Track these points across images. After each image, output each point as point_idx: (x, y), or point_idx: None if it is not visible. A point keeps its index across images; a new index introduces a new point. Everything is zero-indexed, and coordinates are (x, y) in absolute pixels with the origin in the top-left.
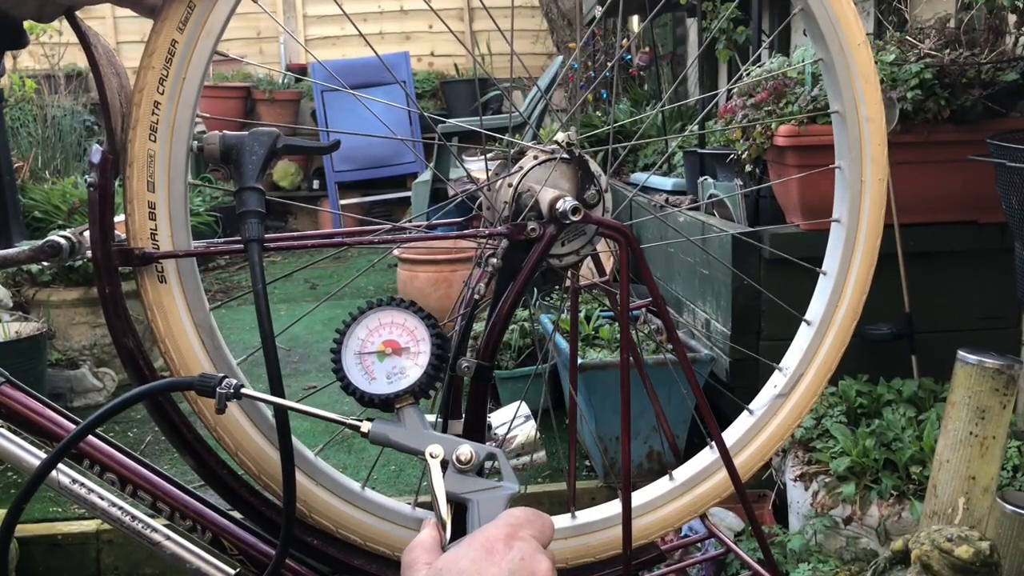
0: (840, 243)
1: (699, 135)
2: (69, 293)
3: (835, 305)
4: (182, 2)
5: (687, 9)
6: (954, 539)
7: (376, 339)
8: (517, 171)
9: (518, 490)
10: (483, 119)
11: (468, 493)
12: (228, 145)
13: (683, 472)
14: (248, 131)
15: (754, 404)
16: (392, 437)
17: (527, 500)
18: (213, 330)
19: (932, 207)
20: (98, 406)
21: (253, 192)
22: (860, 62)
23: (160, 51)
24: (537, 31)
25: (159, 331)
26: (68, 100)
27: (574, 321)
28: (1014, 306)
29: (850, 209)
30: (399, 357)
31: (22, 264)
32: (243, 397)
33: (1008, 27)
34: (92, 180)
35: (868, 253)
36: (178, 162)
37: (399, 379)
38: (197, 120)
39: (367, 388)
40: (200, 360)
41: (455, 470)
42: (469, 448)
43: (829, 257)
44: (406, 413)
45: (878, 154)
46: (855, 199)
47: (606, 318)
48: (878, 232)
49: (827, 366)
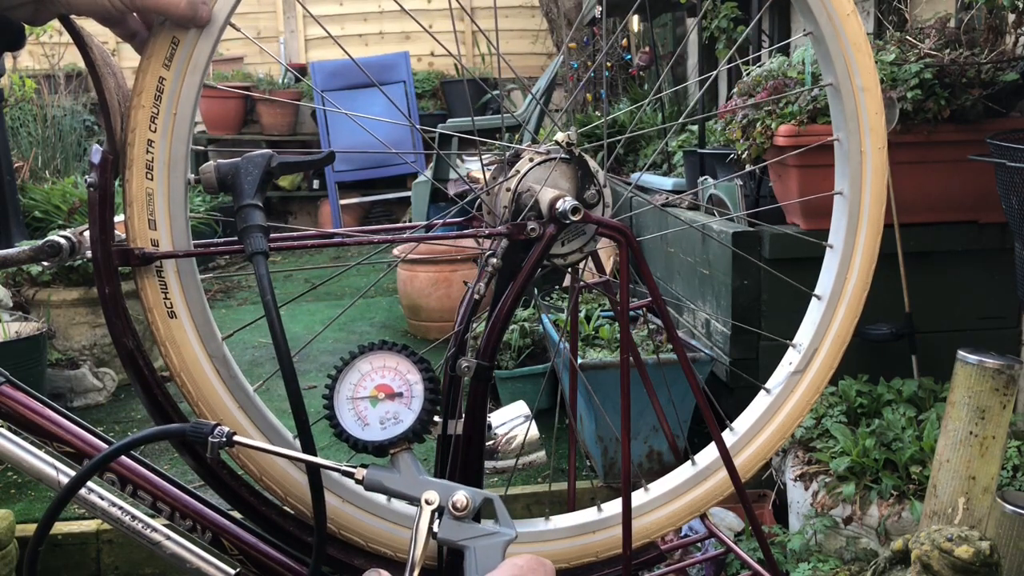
0: (844, 215)
1: (699, 135)
2: (69, 293)
3: (844, 277)
4: (166, 39)
5: (687, 9)
6: (954, 539)
7: (368, 384)
8: (515, 172)
9: (515, 535)
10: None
11: (465, 540)
12: (223, 173)
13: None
14: (242, 157)
15: (770, 383)
16: (387, 484)
17: (528, 500)
18: (227, 361)
19: (932, 207)
20: (98, 406)
21: (253, 208)
22: (851, 32)
23: (149, 89)
24: (537, 31)
25: (174, 366)
26: (68, 100)
27: (574, 321)
28: (1014, 306)
29: (852, 180)
30: (392, 402)
31: (22, 264)
32: (236, 445)
33: (1008, 27)
34: (92, 180)
35: (873, 222)
36: (177, 198)
37: (393, 425)
38: (197, 121)
39: (360, 435)
40: (217, 390)
41: (451, 517)
42: (464, 494)
43: (835, 230)
44: (400, 459)
45: (876, 123)
46: (856, 170)
47: (606, 318)
48: (882, 200)
49: (841, 339)
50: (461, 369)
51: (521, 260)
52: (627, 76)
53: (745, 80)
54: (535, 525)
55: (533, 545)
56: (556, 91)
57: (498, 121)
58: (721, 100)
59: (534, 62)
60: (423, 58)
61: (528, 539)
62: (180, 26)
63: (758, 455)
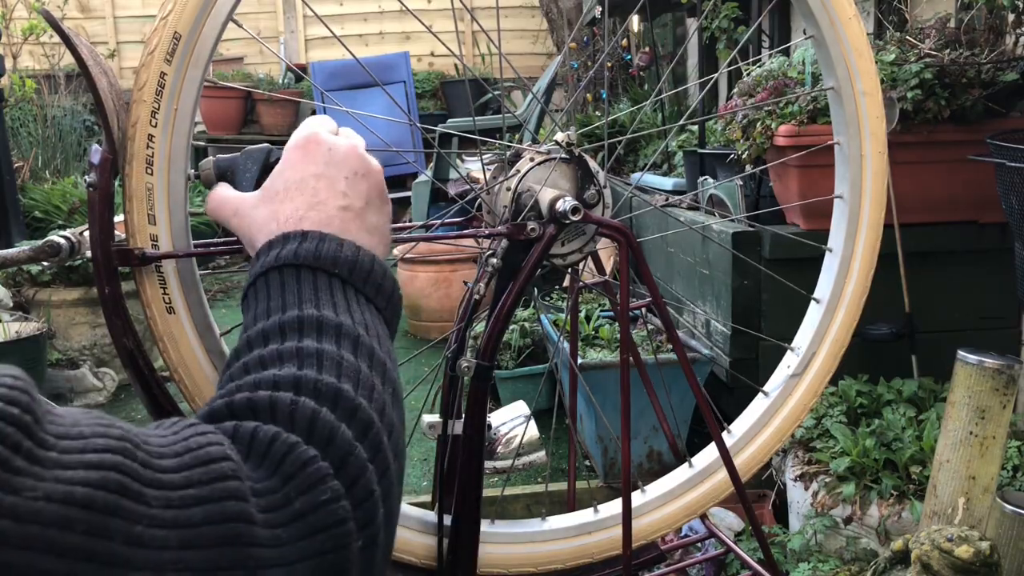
0: (844, 219)
1: (699, 135)
2: (69, 293)
3: (843, 281)
4: (168, 34)
5: (687, 9)
6: (954, 539)
7: None
8: (516, 172)
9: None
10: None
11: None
12: (222, 169)
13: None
14: (240, 152)
15: (768, 386)
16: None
17: (528, 500)
18: (225, 357)
19: (932, 207)
20: (98, 406)
21: None
22: (852, 36)
23: (150, 84)
24: (537, 31)
25: (171, 361)
26: (68, 100)
27: (574, 321)
28: (1014, 306)
29: (852, 184)
30: None
31: (22, 264)
32: None
33: (1008, 27)
34: (92, 180)
35: (873, 226)
36: (177, 194)
37: None
38: (197, 121)
39: None
40: (214, 386)
41: None
42: None
43: (834, 234)
44: None
45: (876, 127)
46: (856, 173)
47: (606, 318)
48: (882, 205)
49: (839, 343)
50: (461, 369)
51: (521, 260)
52: (627, 76)
53: (745, 80)
54: (531, 525)
55: (529, 545)
56: (556, 91)
57: (498, 121)
58: (721, 100)
59: (534, 62)
60: (423, 58)
61: (524, 539)
62: None
63: (755, 458)
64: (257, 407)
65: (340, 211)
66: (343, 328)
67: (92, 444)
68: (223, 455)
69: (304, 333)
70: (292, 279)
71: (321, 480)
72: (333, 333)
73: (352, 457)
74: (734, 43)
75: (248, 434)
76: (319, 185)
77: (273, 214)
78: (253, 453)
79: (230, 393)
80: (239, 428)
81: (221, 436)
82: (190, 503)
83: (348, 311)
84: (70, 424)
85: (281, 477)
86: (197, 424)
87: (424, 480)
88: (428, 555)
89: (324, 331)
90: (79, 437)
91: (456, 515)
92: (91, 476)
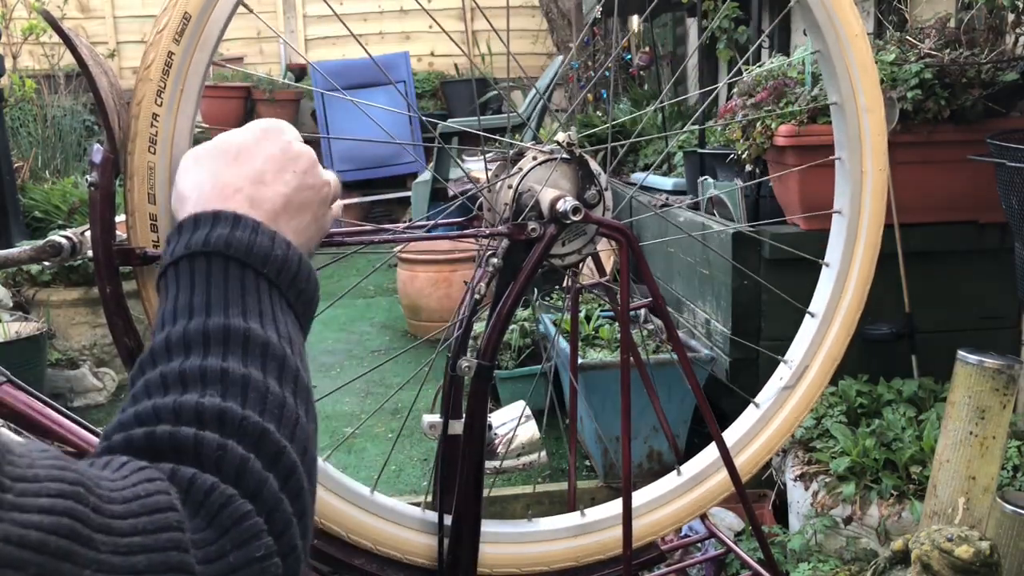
0: (842, 234)
1: (699, 135)
2: (69, 293)
3: (839, 296)
4: (178, 14)
5: (687, 9)
6: (954, 539)
7: None
8: (517, 172)
9: None
10: (483, 119)
11: None
12: None
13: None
14: None
15: (760, 397)
16: None
17: (528, 499)
18: None
19: (932, 207)
20: (98, 406)
21: None
22: (858, 53)
23: (157, 63)
24: (537, 31)
25: None
26: (68, 100)
27: (574, 321)
28: (1014, 306)
29: (851, 200)
30: None
31: (22, 264)
32: None
33: (1008, 27)
34: (93, 180)
35: (871, 243)
36: None
37: None
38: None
39: None
40: None
41: None
42: None
43: (832, 249)
44: None
45: (878, 144)
46: (856, 189)
47: (606, 318)
48: (880, 221)
49: (832, 357)
50: (462, 369)
51: (522, 260)
52: (627, 76)
53: (745, 80)
54: (519, 526)
55: (515, 546)
56: (555, 91)
57: (498, 121)
58: (721, 101)
59: (534, 62)
60: (423, 58)
61: (510, 539)
62: None
63: (742, 470)
64: (181, 447)
65: (278, 197)
66: (269, 348)
67: (46, 489)
68: (169, 505)
69: (229, 349)
70: (220, 274)
71: (256, 536)
72: (259, 353)
73: (278, 513)
74: (734, 43)
75: (186, 481)
76: (267, 167)
77: (214, 175)
78: (190, 501)
79: (148, 417)
80: (177, 473)
81: (167, 484)
82: (136, 550)
83: (274, 321)
84: (26, 466)
85: (216, 529)
86: (146, 468)
87: (424, 480)
88: (428, 555)
89: (250, 350)
90: (34, 480)
91: (456, 515)
92: (44, 521)
